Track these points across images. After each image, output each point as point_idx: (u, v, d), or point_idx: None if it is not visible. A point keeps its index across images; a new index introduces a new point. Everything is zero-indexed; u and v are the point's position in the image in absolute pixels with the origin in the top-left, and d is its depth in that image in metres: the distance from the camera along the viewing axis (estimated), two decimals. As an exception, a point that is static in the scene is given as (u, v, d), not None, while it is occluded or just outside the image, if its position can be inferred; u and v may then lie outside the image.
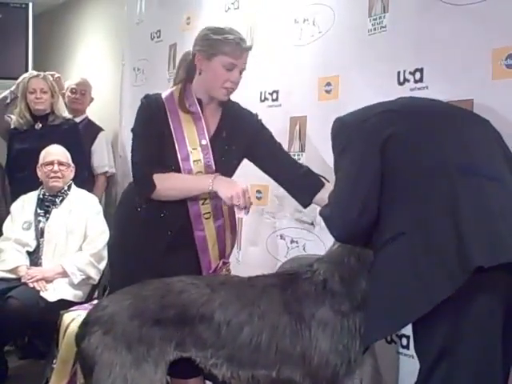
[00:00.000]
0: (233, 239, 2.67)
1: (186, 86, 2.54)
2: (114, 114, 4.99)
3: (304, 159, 3.10)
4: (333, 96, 2.97)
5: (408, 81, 2.61)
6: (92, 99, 4.94)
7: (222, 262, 2.56)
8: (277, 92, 3.31)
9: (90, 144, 4.67)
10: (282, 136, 3.15)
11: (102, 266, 3.62)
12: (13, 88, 4.31)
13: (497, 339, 1.73)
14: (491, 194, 1.79)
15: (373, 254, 1.99)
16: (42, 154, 3.77)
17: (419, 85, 2.61)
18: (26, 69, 5.16)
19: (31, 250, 3.62)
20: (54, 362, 3.17)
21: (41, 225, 3.64)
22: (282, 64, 3.28)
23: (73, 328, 3.08)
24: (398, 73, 2.65)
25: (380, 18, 2.76)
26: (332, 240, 2.89)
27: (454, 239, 1.71)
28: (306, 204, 2.58)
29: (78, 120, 4.66)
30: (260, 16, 3.48)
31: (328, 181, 2.53)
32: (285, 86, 3.27)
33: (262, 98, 3.38)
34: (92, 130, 4.77)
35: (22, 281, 3.44)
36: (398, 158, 1.90)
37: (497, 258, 1.67)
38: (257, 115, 2.65)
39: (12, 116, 4.29)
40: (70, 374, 3.05)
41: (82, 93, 4.82)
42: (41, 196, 3.74)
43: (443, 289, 1.68)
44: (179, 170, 2.45)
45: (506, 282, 1.74)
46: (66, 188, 3.74)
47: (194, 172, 2.45)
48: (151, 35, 4.49)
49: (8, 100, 4.32)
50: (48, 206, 3.70)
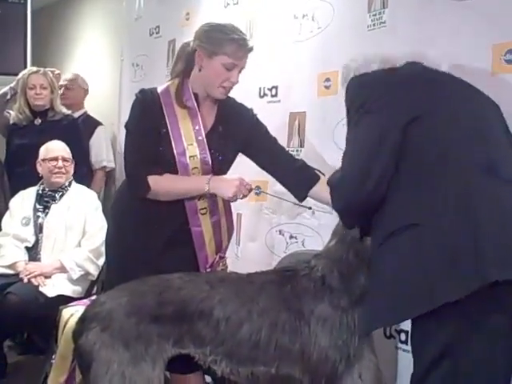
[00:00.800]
0: (229, 234, 2.66)
1: (184, 80, 2.51)
2: (112, 109, 4.99)
3: (303, 155, 3.10)
4: (332, 92, 2.97)
5: (407, 76, 2.60)
6: (86, 93, 4.92)
7: (218, 256, 2.55)
8: (276, 88, 3.31)
9: (88, 139, 4.66)
10: (281, 132, 3.16)
11: (101, 261, 3.62)
12: (13, 84, 4.31)
13: (500, 352, 1.69)
14: (507, 199, 1.72)
15: (372, 242, 1.93)
16: (43, 149, 3.76)
17: (419, 80, 2.60)
18: (25, 65, 5.16)
19: (30, 245, 3.62)
20: (53, 357, 3.17)
21: (40, 220, 3.64)
22: (281, 60, 3.28)
23: (72, 323, 3.08)
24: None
25: (379, 13, 2.76)
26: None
27: (470, 242, 1.64)
28: (301, 197, 2.56)
29: (76, 115, 4.66)
30: (259, 12, 3.48)
31: (323, 174, 2.52)
32: (284, 81, 3.27)
33: (262, 94, 3.38)
34: (90, 125, 4.76)
35: (20, 276, 3.44)
36: (417, 142, 1.78)
37: None
38: (252, 110, 2.63)
39: (11, 111, 4.29)
40: (69, 369, 3.05)
41: (68, 88, 4.80)
42: (40, 191, 3.74)
43: (452, 291, 1.62)
44: (175, 165, 2.43)
45: None
46: (66, 184, 3.74)
47: (190, 167, 2.44)
48: (150, 31, 4.49)
49: (8, 96, 4.32)
50: (47, 202, 3.70)
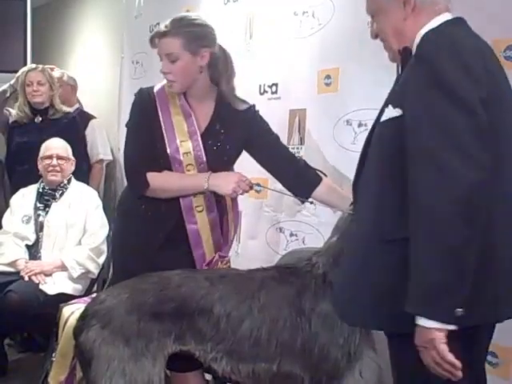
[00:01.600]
0: (235, 231, 2.65)
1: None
2: (113, 106, 4.99)
3: (303, 152, 3.09)
4: (332, 89, 2.96)
5: (408, 73, 2.59)
6: (74, 88, 4.83)
7: (217, 255, 2.52)
8: (276, 85, 3.30)
9: (82, 133, 4.62)
10: (281, 129, 3.15)
11: (102, 260, 3.62)
12: (12, 81, 4.30)
13: None
14: None
15: (371, 231, 1.71)
16: (42, 147, 3.78)
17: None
18: (25, 62, 5.16)
19: (30, 243, 3.62)
20: (54, 355, 3.17)
21: (40, 218, 3.64)
22: (281, 57, 3.27)
23: (72, 321, 3.08)
24: (398, 65, 2.63)
25: (379, 10, 2.75)
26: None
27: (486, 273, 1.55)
28: (303, 198, 2.55)
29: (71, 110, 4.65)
30: (259, 8, 3.47)
31: (325, 175, 2.51)
32: (284, 78, 3.26)
33: (262, 91, 3.37)
34: (84, 120, 4.72)
35: (21, 274, 3.44)
36: None
37: None
38: (254, 106, 2.60)
39: (10, 109, 4.28)
40: (70, 367, 3.06)
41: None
42: (40, 190, 3.74)
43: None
44: (169, 163, 2.43)
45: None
46: (65, 182, 3.73)
47: (185, 164, 2.43)
48: (150, 28, 4.47)
49: (7, 94, 4.31)
50: (47, 200, 3.70)
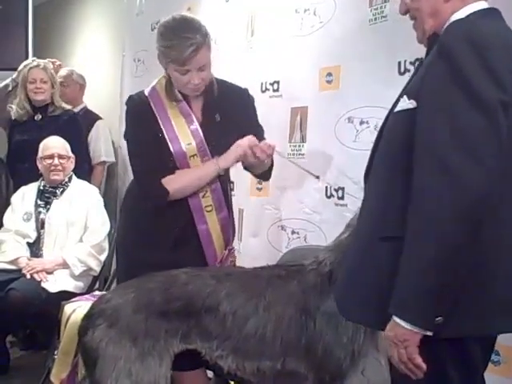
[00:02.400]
0: (233, 228, 2.65)
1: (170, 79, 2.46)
2: (114, 104, 4.98)
3: (305, 150, 3.09)
4: (334, 86, 2.96)
5: (409, 71, 2.59)
6: (82, 87, 4.87)
7: (227, 250, 2.53)
8: (278, 83, 3.30)
9: (87, 134, 4.63)
10: (282, 127, 3.15)
11: (103, 257, 3.62)
12: (14, 76, 4.29)
13: None
14: None
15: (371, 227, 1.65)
16: (41, 146, 3.76)
17: (420, 75, 2.59)
18: (26, 60, 5.14)
19: (31, 241, 3.62)
20: (56, 352, 3.18)
21: (41, 216, 3.64)
22: (282, 54, 3.27)
23: (74, 319, 3.09)
24: (399, 63, 2.63)
25: (381, 7, 2.74)
26: (332, 232, 2.89)
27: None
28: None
29: (76, 110, 4.66)
30: (260, 6, 3.46)
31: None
32: (286, 76, 3.25)
33: (263, 89, 3.37)
34: (89, 120, 4.73)
35: (23, 272, 3.45)
36: None
37: None
38: (247, 90, 2.59)
39: (13, 106, 4.28)
40: (72, 364, 3.06)
41: (62, 84, 4.70)
42: (41, 187, 3.74)
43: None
44: (174, 161, 2.41)
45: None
46: (66, 180, 3.73)
47: (188, 155, 2.40)
48: (152, 26, 4.46)
49: (10, 88, 4.31)
50: (48, 198, 3.70)
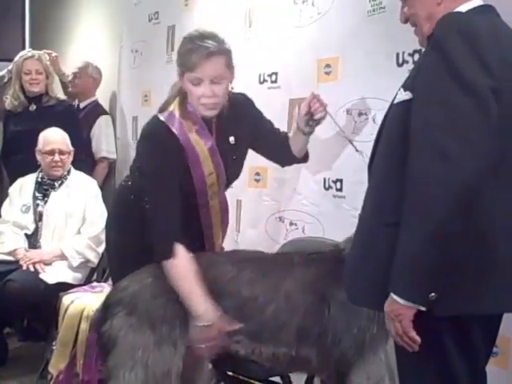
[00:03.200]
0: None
1: (184, 99, 2.33)
2: (111, 95, 4.97)
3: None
4: (332, 78, 2.95)
5: (407, 62, 2.58)
6: (96, 82, 4.85)
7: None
8: (276, 74, 3.29)
9: (79, 122, 4.56)
10: (281, 118, 3.14)
11: (101, 249, 3.62)
12: (10, 67, 4.28)
13: None
14: None
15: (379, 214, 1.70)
16: (41, 139, 3.72)
17: (418, 66, 2.58)
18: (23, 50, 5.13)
19: (30, 232, 3.63)
20: (54, 344, 3.19)
21: (39, 208, 3.64)
22: (280, 46, 3.25)
23: (72, 310, 3.10)
24: (397, 54, 2.63)
25: (379, -2, 2.74)
26: (330, 223, 2.90)
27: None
28: (305, 161, 2.63)
29: (83, 104, 4.69)
30: (259, -3, 3.45)
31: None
32: (284, 67, 3.25)
33: (261, 80, 3.36)
34: (95, 115, 4.73)
35: (20, 263, 3.45)
36: None
37: None
38: (246, 96, 2.52)
39: (8, 97, 4.27)
40: (70, 355, 3.08)
41: (76, 76, 4.76)
42: (39, 179, 3.74)
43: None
44: (194, 193, 2.33)
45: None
46: (65, 173, 3.73)
47: (208, 184, 2.34)
48: (149, 17, 4.45)
49: (5, 79, 4.30)
50: (46, 190, 3.70)
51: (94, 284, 3.51)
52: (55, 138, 3.73)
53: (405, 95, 1.63)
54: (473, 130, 1.46)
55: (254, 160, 3.04)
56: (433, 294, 1.51)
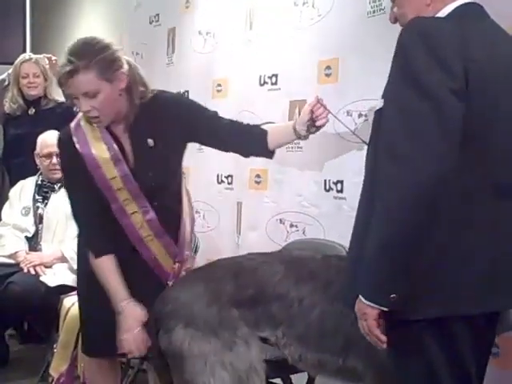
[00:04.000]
0: (191, 229, 2.54)
1: None
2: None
3: (303, 143, 3.07)
4: (332, 79, 2.95)
5: (408, 63, 2.59)
6: None
7: (177, 264, 2.41)
8: (276, 76, 3.29)
9: None
10: (281, 120, 3.14)
11: (102, 250, 3.61)
12: (10, 70, 4.28)
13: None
14: None
15: None
16: (39, 142, 3.71)
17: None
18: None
19: (30, 235, 3.63)
20: (55, 346, 3.19)
21: (39, 210, 3.64)
22: (281, 47, 3.26)
23: (73, 312, 3.10)
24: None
25: (379, 0, 2.74)
26: (331, 225, 2.90)
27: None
28: (271, 157, 2.45)
29: None
30: (259, -1, 3.45)
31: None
32: (284, 69, 3.25)
33: (262, 82, 3.36)
34: None
35: (21, 266, 3.45)
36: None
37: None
38: (185, 98, 2.51)
39: (7, 100, 4.27)
40: (71, 358, 3.08)
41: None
42: (39, 182, 3.73)
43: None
44: (105, 198, 2.30)
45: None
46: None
47: (115, 188, 2.28)
48: (150, 19, 4.46)
49: (6, 82, 4.30)
50: (46, 192, 3.69)
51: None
52: (52, 142, 3.71)
53: (380, 102, 1.66)
54: (428, 133, 1.48)
55: (254, 162, 3.05)
56: (393, 295, 1.54)
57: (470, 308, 1.61)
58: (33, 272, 3.42)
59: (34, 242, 3.62)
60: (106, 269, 2.29)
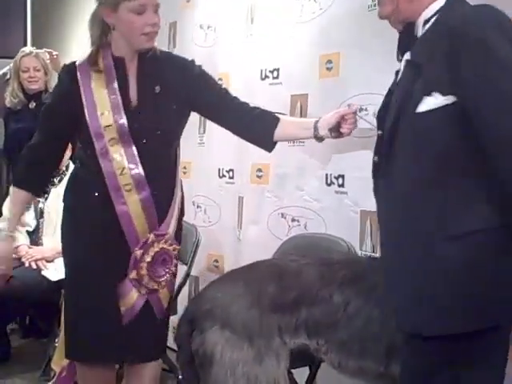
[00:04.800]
0: (179, 210, 2.42)
1: (103, 45, 2.30)
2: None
3: (305, 137, 3.08)
4: (333, 73, 2.94)
5: (409, 57, 2.58)
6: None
7: (153, 234, 2.25)
8: (277, 70, 3.28)
9: None
10: (282, 114, 3.14)
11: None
12: (12, 64, 4.28)
13: None
14: None
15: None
16: None
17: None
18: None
19: (31, 229, 3.64)
20: (57, 340, 3.19)
21: (40, 205, 3.64)
22: (282, 42, 3.25)
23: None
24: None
25: (381, -7, 2.73)
26: (332, 220, 2.89)
27: None
28: (269, 149, 2.41)
29: None
30: (260, -7, 3.44)
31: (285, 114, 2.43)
32: (285, 63, 3.24)
33: (263, 76, 3.35)
34: None
35: (22, 260, 3.45)
36: None
37: None
38: (194, 61, 2.42)
39: (7, 94, 4.26)
40: (73, 352, 3.07)
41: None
42: (40, 176, 3.73)
43: None
44: (90, 137, 2.24)
45: None
46: (63, 168, 3.72)
47: (107, 138, 2.22)
48: (151, 13, 4.45)
49: (8, 76, 4.30)
50: (46, 186, 3.69)
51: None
52: None
53: (444, 100, 1.54)
54: None
55: (256, 156, 3.04)
56: None
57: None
58: (34, 266, 3.43)
59: (35, 236, 3.63)
60: (18, 199, 2.48)
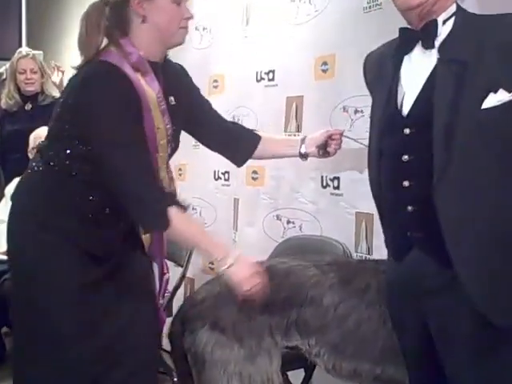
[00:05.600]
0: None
1: (121, 43, 1.94)
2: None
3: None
4: (329, 75, 2.94)
5: (404, 59, 2.58)
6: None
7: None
8: (273, 72, 3.28)
9: None
10: (278, 116, 3.14)
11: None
12: (7, 65, 4.28)
13: None
14: None
15: None
16: (31, 138, 3.73)
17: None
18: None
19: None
20: (51, 343, 3.17)
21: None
22: (278, 43, 3.25)
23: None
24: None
25: (376, -5, 2.73)
26: (327, 222, 2.89)
27: None
28: (240, 165, 2.37)
29: None
30: (256, -6, 3.44)
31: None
32: (281, 65, 3.24)
33: (258, 78, 3.35)
34: None
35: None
36: None
37: None
38: (182, 66, 2.28)
39: (3, 96, 4.26)
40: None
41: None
42: (35, 178, 3.72)
43: None
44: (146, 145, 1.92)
45: None
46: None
47: (159, 141, 1.95)
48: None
49: (4, 76, 4.29)
50: (42, 189, 3.68)
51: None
52: (43, 135, 3.72)
53: (510, 96, 1.56)
54: None
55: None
56: None
57: None
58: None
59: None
60: (191, 220, 2.04)
